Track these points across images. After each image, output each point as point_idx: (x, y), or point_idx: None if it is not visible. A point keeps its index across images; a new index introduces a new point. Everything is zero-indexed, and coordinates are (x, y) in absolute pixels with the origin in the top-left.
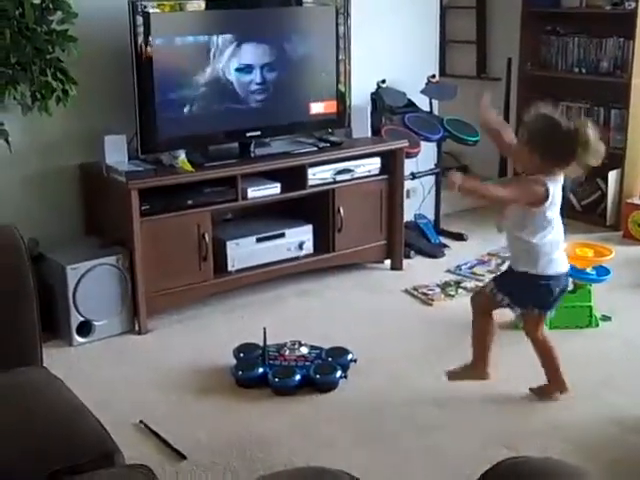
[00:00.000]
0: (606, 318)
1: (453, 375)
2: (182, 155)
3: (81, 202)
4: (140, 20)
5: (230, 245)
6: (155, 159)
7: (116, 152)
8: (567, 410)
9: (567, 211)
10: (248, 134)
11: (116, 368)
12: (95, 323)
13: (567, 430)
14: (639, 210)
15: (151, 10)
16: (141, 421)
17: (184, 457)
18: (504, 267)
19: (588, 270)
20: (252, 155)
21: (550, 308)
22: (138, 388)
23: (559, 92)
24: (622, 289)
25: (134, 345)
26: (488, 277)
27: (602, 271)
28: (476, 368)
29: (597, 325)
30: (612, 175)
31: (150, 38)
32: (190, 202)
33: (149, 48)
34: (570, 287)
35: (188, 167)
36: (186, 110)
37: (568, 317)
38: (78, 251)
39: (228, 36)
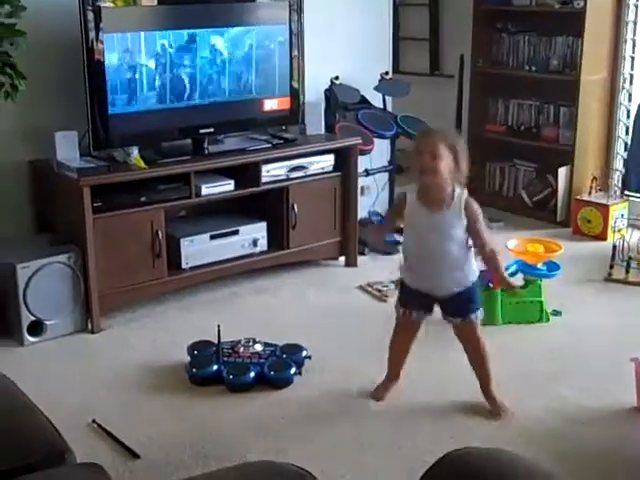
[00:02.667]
0: (556, 313)
1: (378, 394)
2: (135, 152)
3: (31, 199)
4: (91, 15)
5: (184, 242)
6: (108, 156)
7: (67, 148)
8: (517, 403)
9: (519, 207)
10: (201, 131)
11: (68, 367)
12: (47, 322)
13: (517, 423)
14: (588, 206)
15: (102, 4)
16: (94, 420)
17: (137, 456)
18: None
19: (539, 266)
20: (206, 152)
21: None
22: (91, 387)
23: (510, 90)
24: (572, 284)
25: (87, 344)
26: None
27: (552, 266)
28: (395, 378)
29: (548, 320)
30: (562, 172)
31: (101, 33)
32: (143, 199)
33: (100, 43)
34: (521, 282)
35: (141, 164)
36: (139, 106)
37: (520, 312)
38: (29, 249)
39: (181, 32)
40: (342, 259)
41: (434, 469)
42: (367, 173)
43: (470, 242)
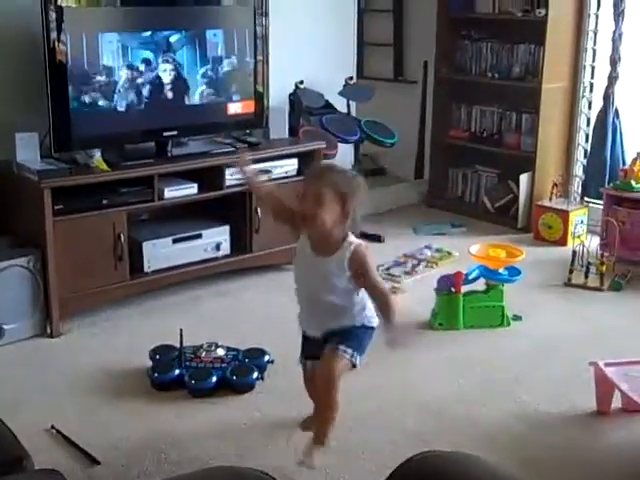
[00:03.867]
0: (517, 318)
1: (305, 425)
2: (97, 154)
3: None
4: (53, 15)
5: (146, 246)
6: (70, 158)
7: (28, 150)
8: (479, 408)
9: (481, 213)
10: (165, 133)
11: (27, 372)
12: (5, 327)
13: (479, 428)
14: (549, 212)
15: (64, 4)
16: (52, 426)
17: (97, 462)
18: (420, 269)
19: (500, 270)
20: (169, 155)
21: None
22: (50, 392)
23: (473, 96)
24: (532, 289)
25: (46, 349)
26: (404, 278)
27: (514, 271)
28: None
29: (509, 324)
30: (523, 178)
31: (63, 33)
32: (105, 202)
33: (62, 44)
34: (483, 287)
35: (103, 166)
36: (101, 108)
37: (481, 317)
38: None
39: (144, 33)
40: None
41: (395, 474)
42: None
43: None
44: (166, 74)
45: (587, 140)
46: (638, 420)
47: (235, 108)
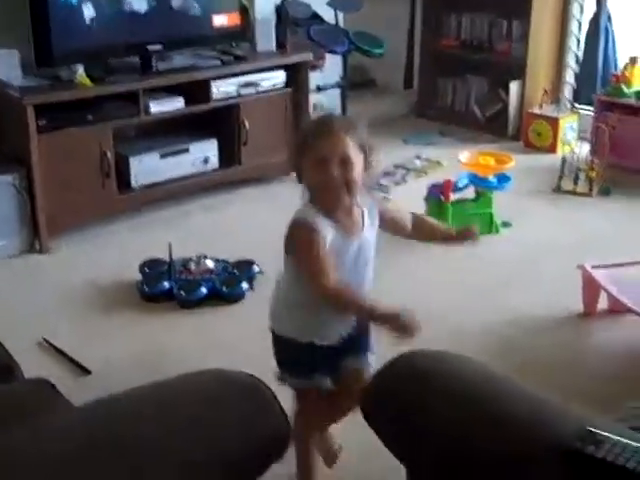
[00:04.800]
0: (506, 224)
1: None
2: (80, 69)
3: None
4: None
5: (133, 161)
6: (53, 74)
7: (9, 67)
8: (469, 315)
9: (471, 122)
10: (149, 47)
11: (17, 288)
12: None
13: (469, 334)
14: (539, 120)
15: None
16: (44, 339)
17: (88, 372)
18: (409, 178)
19: (490, 178)
20: (154, 69)
21: None
22: (40, 307)
23: (463, 3)
24: (522, 196)
25: (36, 265)
26: (393, 189)
27: (503, 179)
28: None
29: (497, 231)
30: (513, 85)
31: None
32: (90, 117)
33: None
34: (472, 195)
35: (87, 82)
36: (84, 22)
37: (470, 224)
38: None
39: None
40: (294, 176)
41: (382, 372)
42: (319, 89)
43: None
44: None
45: (579, 46)
46: (622, 321)
47: (221, 20)
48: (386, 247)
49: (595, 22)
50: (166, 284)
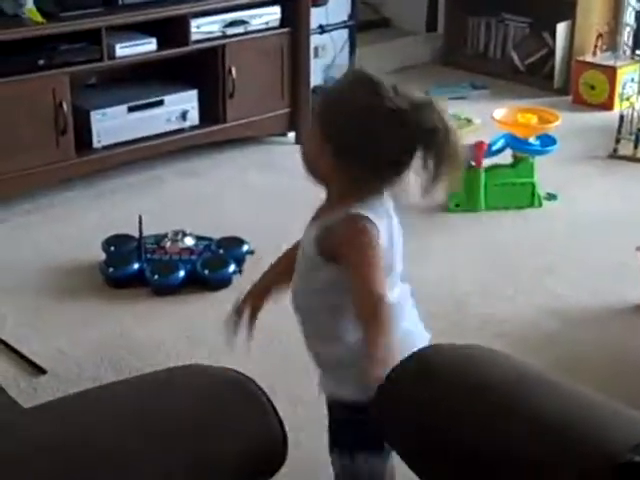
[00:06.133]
0: (551, 196)
1: None
2: (29, 2)
3: None
4: None
5: (95, 116)
6: None
7: None
8: (504, 303)
9: (508, 72)
10: None
11: None
12: None
13: (504, 326)
14: (592, 69)
15: None
16: None
17: (44, 371)
18: None
19: (531, 140)
20: (120, 3)
21: None
22: None
23: None
24: (570, 162)
25: None
26: None
27: (547, 141)
28: None
29: (540, 205)
30: (561, 28)
31: None
32: (42, 62)
33: None
34: (509, 160)
35: (38, 17)
36: None
37: (507, 196)
38: None
39: None
40: (291, 135)
41: (397, 369)
42: (322, 30)
43: None
44: None
45: None
46: None
47: None
48: (415, 221)
49: None
50: (135, 266)
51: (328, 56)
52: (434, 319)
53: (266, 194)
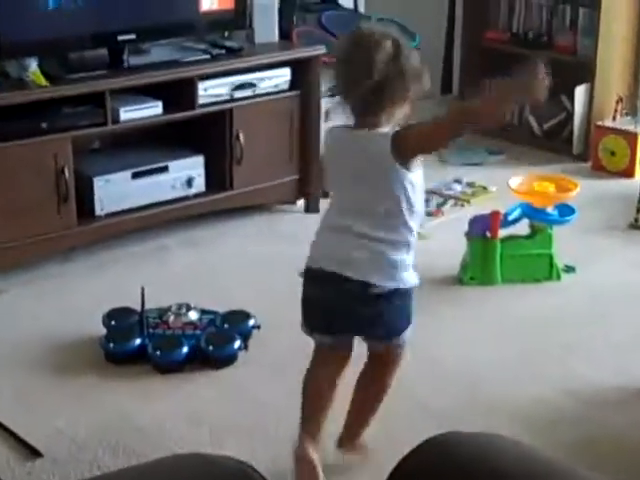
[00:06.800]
0: (569, 269)
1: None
2: (34, 65)
3: None
4: None
5: (98, 182)
6: None
7: None
8: (520, 383)
9: (525, 136)
10: (120, 37)
11: None
12: None
13: (521, 406)
14: (612, 135)
15: None
16: None
17: (39, 454)
18: (447, 208)
19: (549, 209)
20: (125, 65)
21: None
22: None
23: None
24: (589, 233)
25: None
26: (427, 220)
27: (566, 211)
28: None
29: (559, 277)
30: (580, 91)
31: None
32: (44, 126)
33: None
34: (526, 231)
35: (41, 80)
36: (38, 6)
37: (524, 268)
38: None
39: None
40: (301, 203)
41: (409, 458)
42: (333, 93)
43: None
44: None
45: None
46: None
47: (210, 3)
48: (428, 295)
49: None
50: (137, 341)
51: (339, 119)
52: (448, 397)
53: (274, 265)
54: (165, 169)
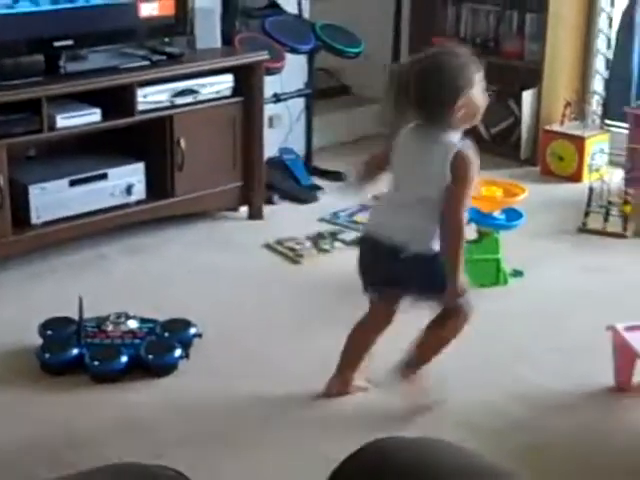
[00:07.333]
0: (517, 273)
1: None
2: None
3: None
4: None
5: (33, 190)
6: None
7: None
8: (465, 388)
9: (472, 141)
10: (56, 43)
11: None
12: None
13: (468, 413)
14: (560, 139)
15: None
16: None
17: None
18: None
19: (496, 214)
20: (62, 71)
21: None
22: None
23: None
24: (537, 237)
25: None
26: None
27: (513, 215)
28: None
29: (506, 282)
30: (527, 96)
31: None
32: None
33: None
34: (473, 236)
35: None
36: None
37: (471, 273)
38: None
39: None
40: (244, 210)
41: (347, 462)
42: (277, 99)
43: None
44: None
45: (609, 46)
46: None
47: (150, 9)
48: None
49: (629, 17)
50: (74, 351)
51: (284, 126)
52: (389, 403)
53: (215, 273)
54: (104, 176)
